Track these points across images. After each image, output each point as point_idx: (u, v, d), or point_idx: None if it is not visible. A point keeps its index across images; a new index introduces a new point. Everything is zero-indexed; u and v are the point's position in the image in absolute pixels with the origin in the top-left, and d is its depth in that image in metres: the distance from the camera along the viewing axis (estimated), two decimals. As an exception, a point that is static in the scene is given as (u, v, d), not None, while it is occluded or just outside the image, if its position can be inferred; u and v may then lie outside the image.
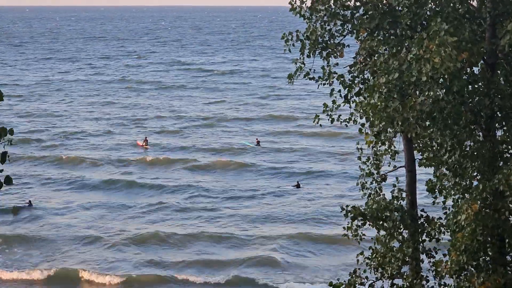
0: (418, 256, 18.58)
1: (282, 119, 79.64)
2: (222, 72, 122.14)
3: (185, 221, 46.02)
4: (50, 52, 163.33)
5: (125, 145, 67.54)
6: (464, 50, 15.61)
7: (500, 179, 16.34)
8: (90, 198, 50.98)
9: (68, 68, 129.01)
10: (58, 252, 40.72)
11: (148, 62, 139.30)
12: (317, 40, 17.50)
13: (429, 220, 18.67)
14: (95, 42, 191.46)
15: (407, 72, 15.85)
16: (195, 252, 40.72)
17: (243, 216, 46.77)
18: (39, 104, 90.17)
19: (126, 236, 42.95)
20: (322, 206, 48.58)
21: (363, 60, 17.80)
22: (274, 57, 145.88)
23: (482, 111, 16.83)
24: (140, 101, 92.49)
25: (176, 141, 69.16)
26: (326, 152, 64.27)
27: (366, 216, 18.50)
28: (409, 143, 18.34)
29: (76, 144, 68.00)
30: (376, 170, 18.82)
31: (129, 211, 47.95)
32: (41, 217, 46.71)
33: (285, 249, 41.01)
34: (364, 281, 18.47)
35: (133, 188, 53.66)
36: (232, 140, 69.62)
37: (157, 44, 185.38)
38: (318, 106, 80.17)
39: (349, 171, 56.13)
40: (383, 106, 16.21)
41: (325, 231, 43.63)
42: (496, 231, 16.91)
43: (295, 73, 17.74)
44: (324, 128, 66.79)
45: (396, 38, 17.25)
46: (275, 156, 63.43)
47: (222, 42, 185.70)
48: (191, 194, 51.77)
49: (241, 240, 42.48)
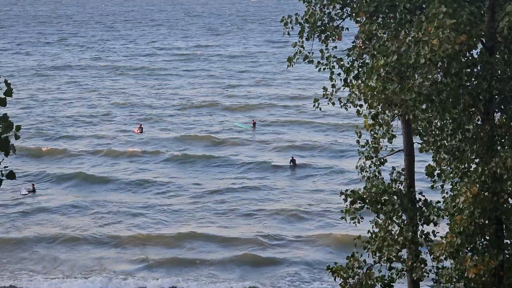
0: (417, 240, 18.64)
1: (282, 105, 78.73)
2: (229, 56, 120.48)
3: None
4: (40, 36, 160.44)
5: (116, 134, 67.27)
6: (463, 33, 15.62)
7: (497, 162, 16.39)
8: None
9: (57, 52, 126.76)
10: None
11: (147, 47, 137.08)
12: (316, 23, 17.52)
13: (427, 203, 18.72)
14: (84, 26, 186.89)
15: (406, 55, 15.88)
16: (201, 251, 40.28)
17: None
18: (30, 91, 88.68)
19: (110, 234, 42.25)
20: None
21: (362, 43, 17.82)
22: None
23: (480, 94, 16.84)
24: (132, 87, 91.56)
25: (165, 129, 68.84)
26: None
27: (365, 200, 18.56)
28: (408, 126, 18.38)
29: (56, 134, 66.72)
30: (375, 154, 18.88)
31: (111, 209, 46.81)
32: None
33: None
34: (362, 264, 18.53)
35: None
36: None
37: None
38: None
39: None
40: (381, 88, 16.25)
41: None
42: (494, 214, 16.96)
43: (294, 56, 17.78)
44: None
45: (395, 21, 17.26)
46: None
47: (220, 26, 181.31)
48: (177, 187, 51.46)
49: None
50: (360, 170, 19.03)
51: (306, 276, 36.21)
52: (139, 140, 64.33)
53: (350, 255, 18.76)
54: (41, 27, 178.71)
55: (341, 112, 67.21)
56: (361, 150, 19.01)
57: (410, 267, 18.56)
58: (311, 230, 42.05)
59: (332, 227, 41.82)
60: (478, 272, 16.55)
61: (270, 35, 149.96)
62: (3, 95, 9.81)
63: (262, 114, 73.16)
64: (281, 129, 67.29)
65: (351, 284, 18.40)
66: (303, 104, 75.81)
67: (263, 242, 40.28)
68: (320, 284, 34.99)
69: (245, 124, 68.61)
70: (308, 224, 42.93)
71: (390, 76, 16.37)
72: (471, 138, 17.07)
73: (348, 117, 65.39)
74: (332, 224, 42.27)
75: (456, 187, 17.64)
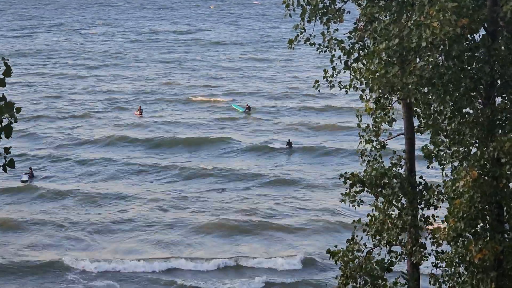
0: (417, 223, 18.64)
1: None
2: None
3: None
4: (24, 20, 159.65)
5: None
6: (465, 16, 15.56)
7: (495, 146, 16.36)
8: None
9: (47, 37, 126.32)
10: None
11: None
12: (317, 5, 17.45)
13: (428, 187, 18.71)
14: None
15: (407, 38, 15.82)
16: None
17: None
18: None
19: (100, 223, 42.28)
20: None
21: (363, 26, 17.75)
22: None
23: (482, 78, 16.79)
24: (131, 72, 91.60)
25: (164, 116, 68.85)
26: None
27: (365, 183, 18.54)
28: (409, 110, 18.34)
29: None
30: (376, 137, 18.85)
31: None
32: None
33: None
34: (362, 247, 18.54)
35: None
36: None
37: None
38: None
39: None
40: (383, 72, 16.20)
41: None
42: (494, 199, 16.94)
43: (296, 38, 17.71)
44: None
45: (397, 5, 17.19)
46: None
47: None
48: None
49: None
50: (360, 154, 19.01)
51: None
52: (141, 122, 64.57)
53: (350, 238, 18.77)
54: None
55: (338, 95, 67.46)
56: (362, 134, 18.99)
57: (409, 250, 18.57)
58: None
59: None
60: (483, 257, 16.57)
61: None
62: (2, 75, 9.71)
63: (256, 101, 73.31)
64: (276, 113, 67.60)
65: (351, 267, 18.41)
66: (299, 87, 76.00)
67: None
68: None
69: (240, 106, 68.73)
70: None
71: (392, 60, 16.31)
72: (471, 122, 17.03)
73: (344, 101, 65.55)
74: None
75: (456, 170, 17.62)
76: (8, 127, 9.54)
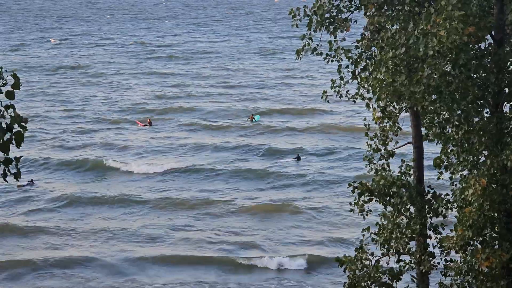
0: (425, 232, 18.61)
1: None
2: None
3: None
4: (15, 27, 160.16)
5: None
6: (471, 25, 15.57)
7: (508, 155, 16.32)
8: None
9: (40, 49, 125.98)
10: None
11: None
12: (324, 15, 17.50)
13: (436, 196, 18.68)
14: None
15: (414, 47, 15.84)
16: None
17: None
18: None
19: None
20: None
21: (370, 36, 17.80)
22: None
23: (489, 86, 16.78)
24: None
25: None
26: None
27: (374, 192, 18.53)
28: (417, 119, 18.34)
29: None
30: (384, 146, 18.86)
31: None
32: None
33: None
34: (370, 257, 18.54)
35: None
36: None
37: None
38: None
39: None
40: (390, 80, 16.22)
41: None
42: (503, 207, 16.90)
43: (303, 48, 17.76)
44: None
45: (404, 14, 17.22)
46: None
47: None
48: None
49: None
50: (368, 162, 19.01)
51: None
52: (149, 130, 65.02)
53: (359, 247, 18.77)
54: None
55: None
56: (369, 143, 19.00)
57: (418, 259, 18.54)
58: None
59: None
60: (491, 265, 16.53)
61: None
62: (11, 88, 9.92)
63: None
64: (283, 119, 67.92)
65: (359, 276, 18.40)
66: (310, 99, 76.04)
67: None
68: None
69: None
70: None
71: (399, 69, 16.34)
72: (479, 130, 17.01)
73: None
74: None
75: (465, 179, 17.58)
76: (20, 134, 9.77)
